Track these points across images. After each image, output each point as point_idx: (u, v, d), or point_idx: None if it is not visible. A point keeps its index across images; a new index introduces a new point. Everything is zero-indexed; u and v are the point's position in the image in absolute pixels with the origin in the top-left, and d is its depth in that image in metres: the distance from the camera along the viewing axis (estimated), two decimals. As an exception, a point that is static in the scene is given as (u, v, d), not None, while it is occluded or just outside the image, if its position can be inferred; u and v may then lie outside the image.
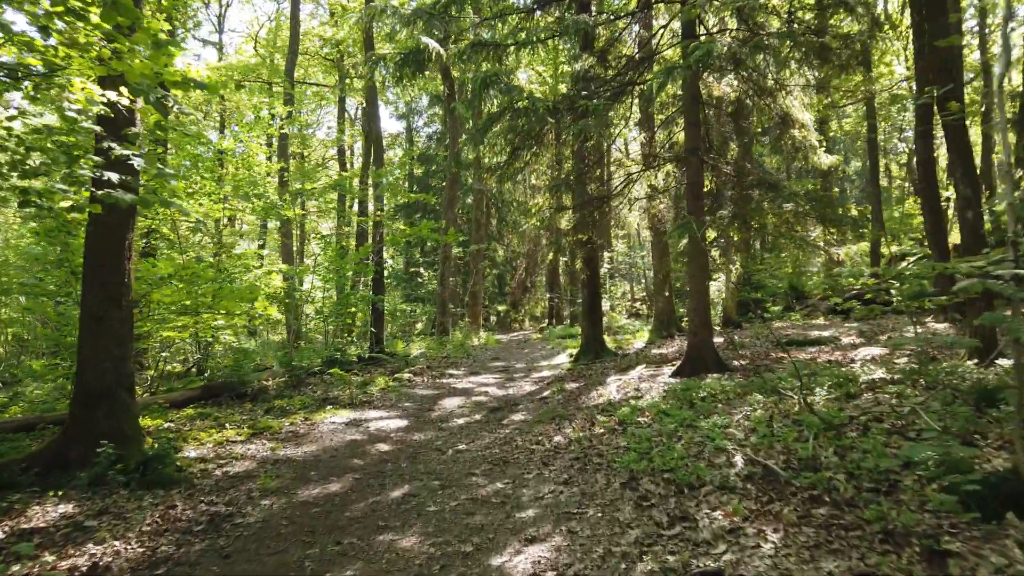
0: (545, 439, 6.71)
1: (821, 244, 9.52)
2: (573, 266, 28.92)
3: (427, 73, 10.27)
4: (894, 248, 23.13)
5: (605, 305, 29.20)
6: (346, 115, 28.95)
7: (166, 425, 7.73)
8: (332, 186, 14.29)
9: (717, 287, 21.54)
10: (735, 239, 12.71)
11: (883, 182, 30.54)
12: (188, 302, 8.17)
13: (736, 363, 10.29)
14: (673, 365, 10.88)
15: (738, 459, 4.77)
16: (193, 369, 14.22)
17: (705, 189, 10.85)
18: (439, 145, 32.01)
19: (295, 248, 30.97)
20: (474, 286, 21.14)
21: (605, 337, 14.04)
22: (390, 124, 63.33)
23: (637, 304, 37.08)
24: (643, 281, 39.66)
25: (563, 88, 14.30)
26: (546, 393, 9.93)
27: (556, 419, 7.65)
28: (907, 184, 34.50)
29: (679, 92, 12.41)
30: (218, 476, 6.08)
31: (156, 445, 6.66)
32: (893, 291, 19.72)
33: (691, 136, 10.36)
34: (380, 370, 12.86)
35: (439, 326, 19.32)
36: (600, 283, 13.25)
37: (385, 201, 14.95)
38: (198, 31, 26.71)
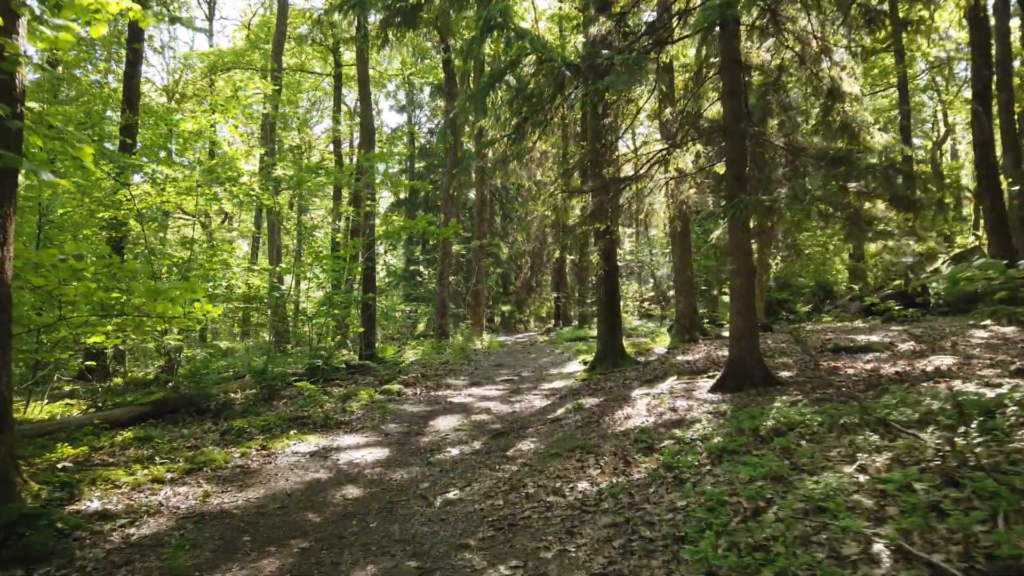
0: (565, 485, 4.92)
1: (895, 231, 7.70)
2: (581, 263, 27.10)
3: (421, 29, 8.53)
4: (924, 246, 21.28)
5: (614, 305, 27.42)
6: (344, 108, 27.19)
7: (64, 464, 5.93)
8: (312, 169, 12.53)
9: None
10: (776, 228, 10.90)
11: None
12: (122, 297, 6.37)
13: (783, 374, 8.54)
14: (709, 377, 9.09)
15: (881, 550, 2.97)
16: (163, 376, 12.52)
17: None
18: (441, 139, 30.23)
19: (290, 246, 29.29)
20: (476, 285, 19.36)
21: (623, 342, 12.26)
22: (391, 118, 61.42)
23: (646, 304, 35.25)
24: (651, 281, 37.88)
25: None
26: (560, 411, 8.15)
27: (577, 452, 5.87)
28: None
29: (713, 60, 10.64)
30: (114, 543, 4.31)
31: (43, 494, 4.91)
32: (931, 291, 17.65)
33: (731, 107, 8.58)
34: (368, 379, 11.09)
35: (438, 328, 17.55)
36: (618, 280, 11.47)
37: (376, 189, 13.18)
38: (192, 16, 24.96)
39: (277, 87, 14.12)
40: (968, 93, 27.37)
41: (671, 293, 35.12)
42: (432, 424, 7.89)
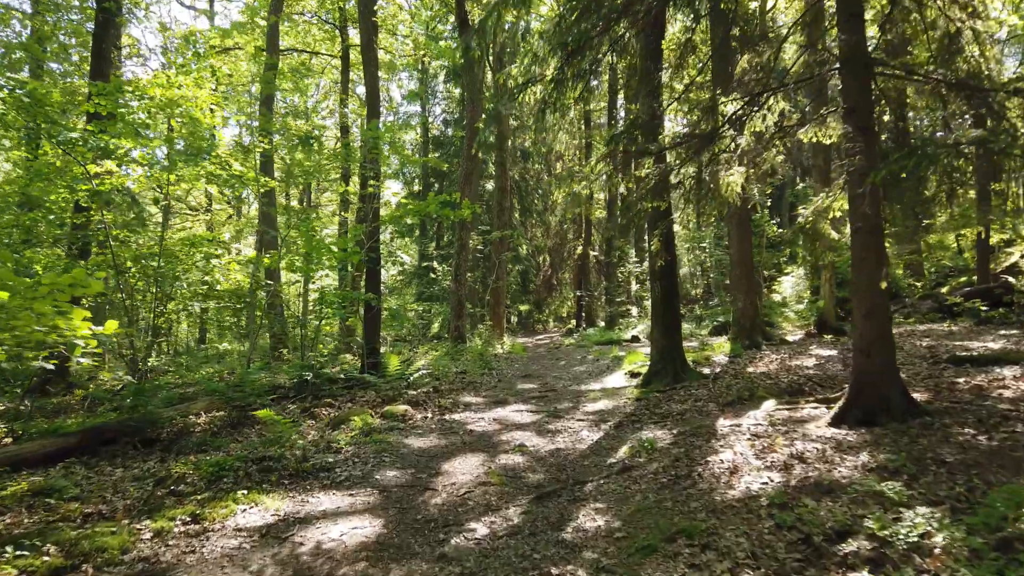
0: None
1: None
2: (609, 259, 24.69)
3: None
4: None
5: (635, 309, 24.87)
6: (355, 98, 24.91)
7: None
8: (304, 139, 10.21)
9: (793, 282, 17.21)
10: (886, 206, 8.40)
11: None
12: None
13: (915, 397, 6.16)
14: (816, 401, 6.68)
15: None
16: (123, 391, 10.31)
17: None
18: (456, 127, 27.93)
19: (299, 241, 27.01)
20: (496, 282, 16.99)
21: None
22: (402, 108, 58.32)
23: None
24: (692, 268, 35.30)
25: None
26: (623, 451, 5.77)
27: (683, 543, 3.51)
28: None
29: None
30: None
31: None
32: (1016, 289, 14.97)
33: (851, 34, 6.20)
34: (367, 397, 8.77)
35: (454, 331, 15.21)
36: (678, 275, 9.07)
37: (380, 164, 10.86)
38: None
39: (258, 44, 11.80)
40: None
41: (696, 291, 32.55)
42: (446, 470, 5.54)
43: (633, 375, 9.83)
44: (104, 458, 6.65)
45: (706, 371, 9.16)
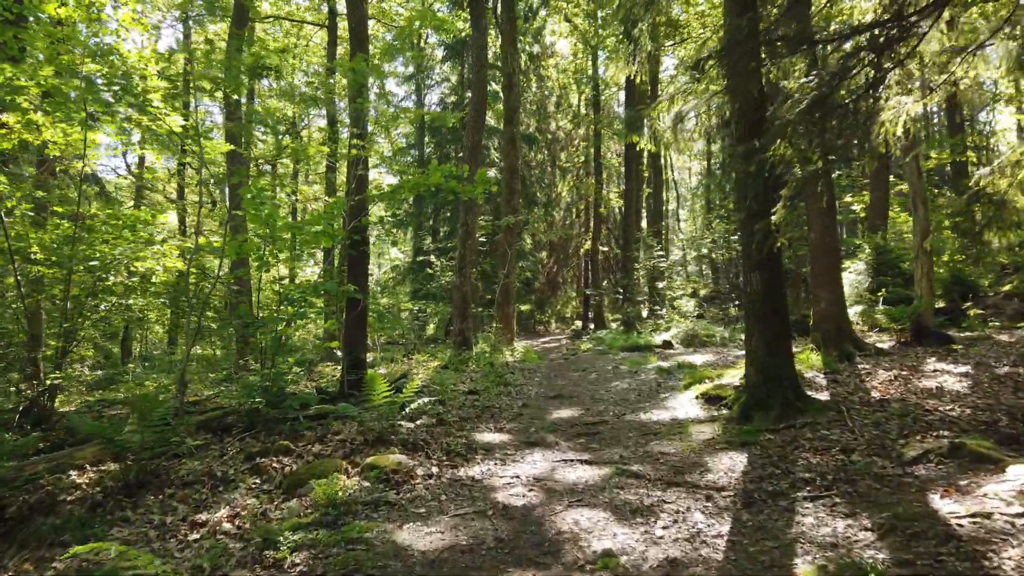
0: None
1: None
2: (626, 253, 22.02)
3: None
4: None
5: (640, 308, 22.13)
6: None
7: None
8: (255, 68, 7.34)
9: (853, 279, 14.57)
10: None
11: None
12: None
13: None
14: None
15: None
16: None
17: None
18: (456, 111, 25.13)
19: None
20: (507, 277, 14.20)
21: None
22: (395, 90, 53.76)
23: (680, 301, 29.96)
24: (699, 265, 32.58)
25: None
26: (805, 576, 3.04)
27: None
28: None
29: None
30: None
31: None
32: None
33: None
34: (344, 432, 5.98)
35: (457, 334, 12.42)
36: (782, 264, 6.32)
37: (367, 114, 8.07)
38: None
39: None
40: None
41: (705, 291, 29.78)
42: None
43: (709, 400, 7.09)
44: None
45: (819, 396, 6.45)
